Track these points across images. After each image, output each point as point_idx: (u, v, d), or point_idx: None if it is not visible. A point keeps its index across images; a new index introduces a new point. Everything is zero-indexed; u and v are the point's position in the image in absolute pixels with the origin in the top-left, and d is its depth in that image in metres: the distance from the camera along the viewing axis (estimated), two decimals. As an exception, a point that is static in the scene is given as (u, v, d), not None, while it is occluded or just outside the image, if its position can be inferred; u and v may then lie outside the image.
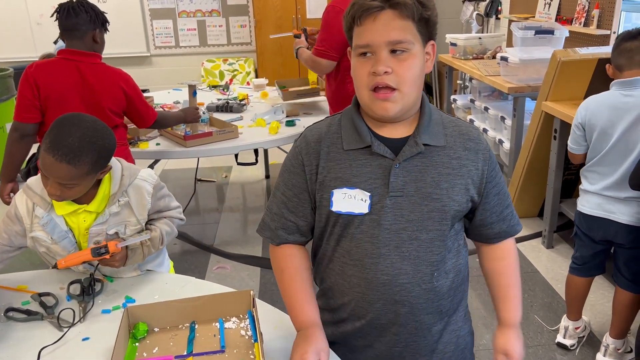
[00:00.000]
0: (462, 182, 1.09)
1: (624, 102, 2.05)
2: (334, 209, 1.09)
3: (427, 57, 1.07)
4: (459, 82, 5.28)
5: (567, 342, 2.34)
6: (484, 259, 1.24)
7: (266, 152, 4.43)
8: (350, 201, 1.08)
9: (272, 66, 5.91)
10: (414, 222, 1.08)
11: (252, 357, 1.18)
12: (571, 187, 3.23)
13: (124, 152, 2.27)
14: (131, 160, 2.31)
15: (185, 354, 1.19)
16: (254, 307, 1.26)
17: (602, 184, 2.12)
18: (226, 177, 4.58)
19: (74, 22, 2.14)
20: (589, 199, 2.17)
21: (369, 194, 1.06)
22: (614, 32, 3.33)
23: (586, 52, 2.91)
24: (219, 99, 3.67)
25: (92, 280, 1.43)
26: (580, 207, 2.22)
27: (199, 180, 4.40)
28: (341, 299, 1.17)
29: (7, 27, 5.82)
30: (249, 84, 4.48)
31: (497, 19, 5.08)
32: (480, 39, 4.57)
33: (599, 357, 2.20)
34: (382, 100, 1.03)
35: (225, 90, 3.99)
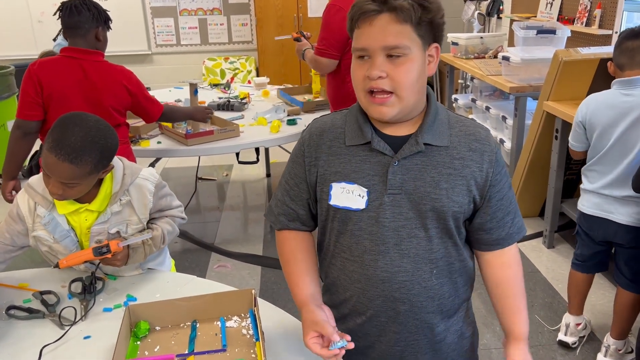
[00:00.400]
0: (463, 183, 1.07)
1: (623, 101, 2.05)
2: (332, 202, 1.10)
3: (429, 60, 1.05)
4: (460, 81, 5.28)
5: (569, 339, 2.33)
6: (486, 265, 1.19)
7: (267, 150, 4.43)
8: (348, 196, 1.09)
9: (273, 65, 5.91)
10: (413, 220, 1.07)
11: (253, 356, 1.18)
12: (572, 187, 3.22)
13: (125, 150, 2.27)
14: (132, 158, 2.30)
15: (186, 352, 1.20)
16: (256, 306, 1.26)
17: (601, 182, 2.13)
18: (227, 175, 4.58)
19: (76, 20, 2.14)
20: (589, 198, 2.18)
21: (367, 190, 1.07)
22: (616, 32, 3.33)
23: (588, 52, 2.90)
24: (220, 98, 3.67)
25: (94, 278, 1.43)
26: (580, 206, 2.22)
27: (200, 178, 4.40)
28: (343, 294, 1.18)
29: (9, 24, 5.82)
30: (250, 82, 4.48)
31: (499, 18, 5.08)
32: (481, 38, 4.57)
33: (600, 357, 2.20)
34: (379, 104, 1.03)
35: (226, 88, 3.98)
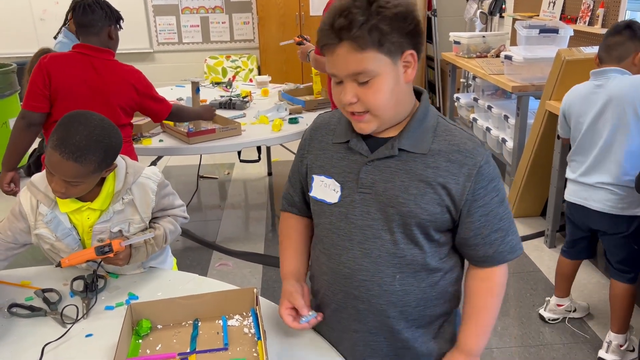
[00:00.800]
0: (434, 192, 1.06)
1: (594, 92, 2.16)
2: (312, 193, 1.17)
3: (406, 66, 1.03)
4: (462, 80, 5.27)
5: (545, 314, 2.50)
6: (467, 275, 1.19)
7: (269, 149, 4.43)
8: (325, 189, 1.14)
9: (275, 63, 5.90)
10: (380, 221, 1.09)
11: (255, 355, 1.18)
12: (574, 186, 3.22)
13: (127, 149, 2.27)
14: (135, 157, 2.31)
15: (188, 351, 1.20)
16: (258, 305, 1.26)
17: (579, 171, 2.25)
18: (228, 174, 4.58)
19: (90, 19, 2.17)
20: (570, 187, 2.31)
21: (340, 186, 1.12)
22: (619, 32, 3.31)
23: (591, 51, 2.90)
24: (222, 96, 3.66)
25: (95, 276, 1.44)
26: (565, 194, 2.36)
27: (202, 177, 4.40)
28: (316, 285, 1.24)
29: (11, 22, 5.82)
30: (251, 81, 4.48)
31: (501, 17, 5.07)
32: (484, 37, 4.56)
33: (601, 353, 2.23)
34: (357, 121, 1.07)
35: (228, 87, 3.98)
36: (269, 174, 4.50)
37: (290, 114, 3.20)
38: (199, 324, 1.28)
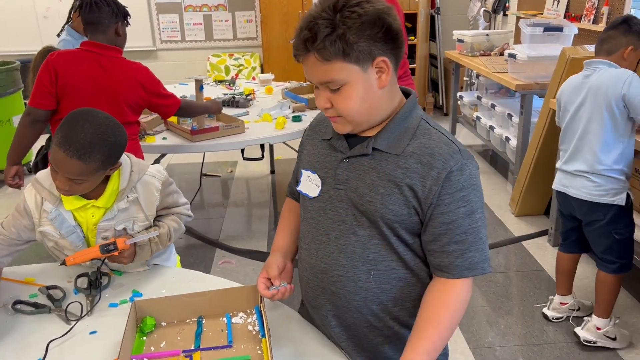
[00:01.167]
0: (400, 193, 1.05)
1: (581, 82, 2.22)
2: (299, 187, 1.21)
3: (380, 72, 1.02)
4: (466, 78, 5.26)
5: (549, 313, 2.49)
6: (428, 285, 1.12)
7: (272, 147, 4.43)
8: (309, 184, 1.17)
9: (278, 61, 5.90)
10: (353, 217, 1.10)
11: (259, 352, 1.18)
12: (578, 185, 3.21)
13: (133, 146, 2.27)
14: (141, 155, 2.31)
15: (192, 348, 1.20)
16: (262, 302, 1.26)
17: (563, 159, 2.32)
18: (231, 172, 4.58)
19: (97, 16, 2.17)
20: (556, 175, 2.36)
21: (321, 181, 1.15)
22: (623, 30, 3.30)
23: (595, 49, 2.88)
24: (225, 94, 3.66)
25: (99, 274, 1.44)
26: (553, 183, 2.40)
27: (205, 174, 4.40)
28: (301, 282, 1.26)
29: (14, 20, 5.82)
30: (254, 79, 4.48)
31: (505, 15, 5.06)
32: (487, 35, 4.55)
33: (577, 329, 2.33)
34: (333, 122, 1.11)
35: (231, 85, 3.98)
36: (272, 172, 4.50)
37: (293, 111, 3.20)
38: (203, 322, 1.28)
